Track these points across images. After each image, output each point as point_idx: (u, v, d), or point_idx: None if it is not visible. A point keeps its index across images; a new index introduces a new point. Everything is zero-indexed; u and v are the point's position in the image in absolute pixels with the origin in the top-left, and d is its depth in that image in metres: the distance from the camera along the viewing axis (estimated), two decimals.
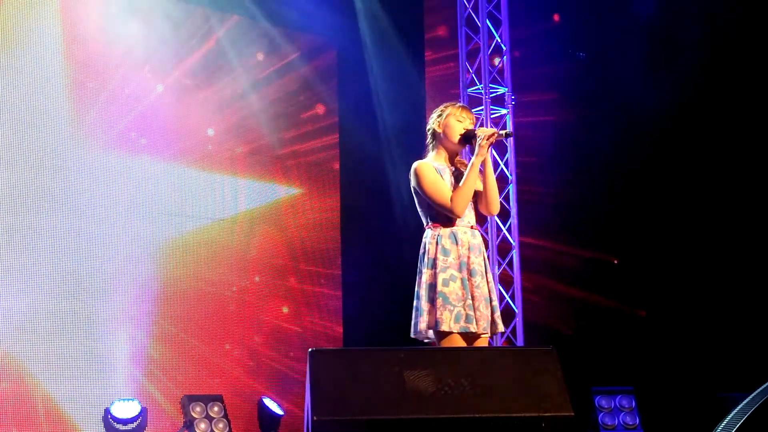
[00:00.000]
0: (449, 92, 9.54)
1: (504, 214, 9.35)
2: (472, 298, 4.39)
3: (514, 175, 9.40)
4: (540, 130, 9.88)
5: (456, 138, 4.61)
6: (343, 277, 9.90)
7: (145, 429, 8.33)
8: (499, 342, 8.95)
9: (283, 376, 9.43)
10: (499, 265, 9.26)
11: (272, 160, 9.69)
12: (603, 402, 8.83)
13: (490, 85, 9.43)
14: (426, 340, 4.53)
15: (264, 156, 9.64)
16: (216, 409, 8.62)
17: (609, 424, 8.74)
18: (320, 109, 10.06)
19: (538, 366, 3.77)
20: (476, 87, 9.47)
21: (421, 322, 4.43)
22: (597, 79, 10.06)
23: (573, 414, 3.66)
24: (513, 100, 9.48)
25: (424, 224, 4.61)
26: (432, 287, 4.42)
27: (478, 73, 9.46)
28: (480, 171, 4.55)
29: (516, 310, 9.23)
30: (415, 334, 4.53)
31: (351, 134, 9.92)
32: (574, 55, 10.24)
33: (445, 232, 4.48)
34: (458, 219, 4.49)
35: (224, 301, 9.25)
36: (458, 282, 4.40)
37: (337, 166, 10.03)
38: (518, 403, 3.64)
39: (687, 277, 9.63)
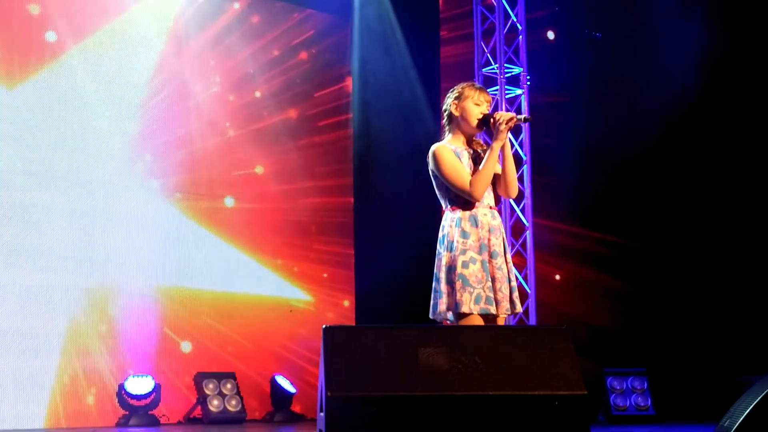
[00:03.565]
0: (464, 71, 9.50)
1: (518, 195, 9.32)
2: (493, 280, 4.38)
3: (528, 156, 9.38)
4: (555, 111, 9.84)
5: (474, 122, 4.58)
6: (356, 255, 9.91)
7: (158, 405, 8.39)
8: (512, 322, 8.96)
9: (295, 354, 9.46)
10: (513, 246, 9.25)
11: (286, 136, 9.70)
12: (615, 383, 8.83)
13: (506, 65, 9.39)
14: (445, 322, 4.53)
15: (277, 134, 9.64)
16: (229, 386, 8.67)
17: (621, 405, 8.74)
18: (334, 87, 10.05)
19: (551, 344, 3.76)
20: (491, 67, 9.43)
21: (440, 304, 4.42)
22: (614, 60, 9.99)
23: (586, 393, 3.65)
24: (528, 80, 9.44)
25: (443, 207, 4.59)
26: (451, 269, 4.41)
27: (493, 52, 9.42)
28: (499, 154, 4.52)
29: (529, 291, 9.23)
30: (433, 315, 4.53)
31: (365, 112, 9.90)
32: (591, 35, 10.17)
33: (464, 215, 4.47)
34: (478, 202, 4.48)
35: (237, 279, 9.28)
36: (478, 264, 4.38)
37: (350, 143, 10.03)
38: (531, 382, 3.63)
39: (703, 259, 9.61)
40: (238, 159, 9.42)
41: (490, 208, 4.55)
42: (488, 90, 9.42)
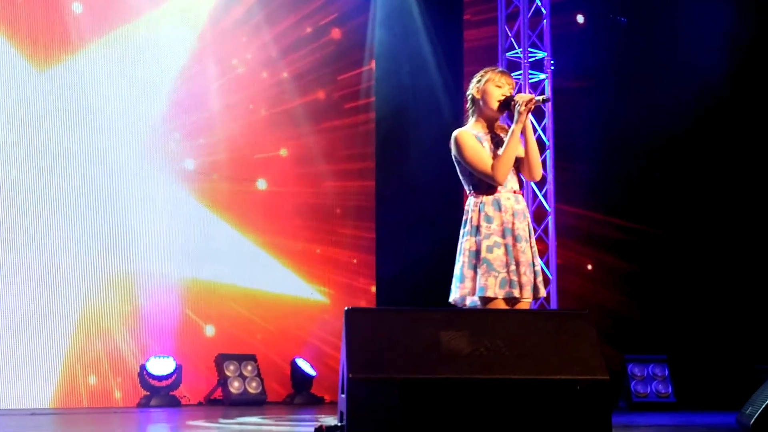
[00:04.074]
0: (488, 55, 9.45)
1: (540, 180, 9.28)
2: (517, 264, 4.35)
3: (551, 141, 9.33)
4: (579, 96, 9.78)
5: (494, 105, 4.54)
6: (377, 239, 9.92)
7: (179, 386, 8.44)
8: (533, 307, 8.93)
9: (316, 337, 9.49)
10: (534, 231, 9.21)
11: (310, 119, 9.71)
12: (636, 370, 8.80)
13: (529, 49, 9.34)
14: (464, 307, 4.51)
15: (301, 116, 9.65)
16: (249, 368, 8.71)
17: (641, 392, 8.71)
18: (358, 70, 10.03)
19: (573, 329, 3.75)
20: (515, 51, 9.37)
21: (462, 288, 4.40)
22: (640, 45, 9.90)
23: (609, 378, 3.64)
24: (552, 65, 9.38)
25: (467, 192, 4.56)
26: (475, 254, 4.38)
27: (517, 37, 9.36)
28: (521, 137, 4.49)
29: (550, 276, 9.20)
30: (453, 300, 4.52)
31: (387, 95, 9.89)
32: (616, 20, 10.08)
33: (488, 199, 4.44)
34: (500, 186, 4.46)
35: (257, 262, 9.31)
36: (502, 248, 4.36)
37: (372, 127, 10.03)
38: (553, 366, 3.62)
39: (725, 248, 9.54)
40: (264, 141, 9.45)
41: (514, 192, 4.52)
42: (512, 74, 9.41)
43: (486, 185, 4.48)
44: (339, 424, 3.65)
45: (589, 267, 10.01)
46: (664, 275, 9.77)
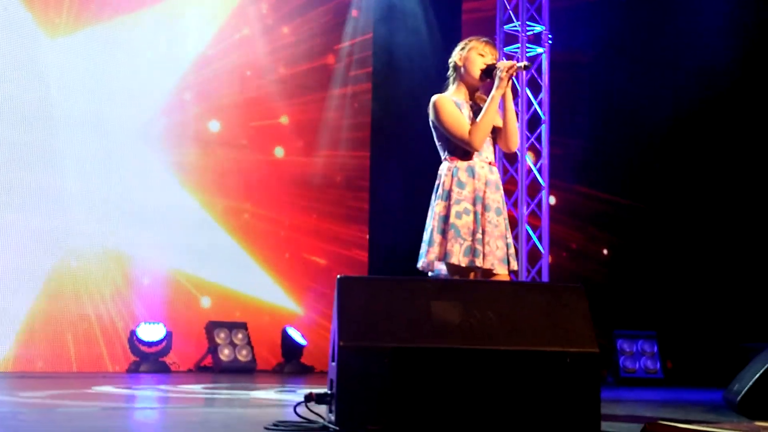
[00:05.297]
0: (486, 28, 9.40)
1: (535, 155, 9.29)
2: (483, 233, 4.36)
3: (547, 116, 9.30)
4: (576, 71, 9.75)
5: (477, 72, 4.53)
6: (371, 209, 9.91)
7: (169, 352, 8.46)
8: (523, 280, 8.94)
9: (307, 306, 9.50)
10: (528, 205, 9.21)
11: (309, 88, 9.68)
12: (625, 345, 8.84)
13: (528, 22, 9.29)
14: (430, 273, 4.51)
15: (295, 89, 9.62)
16: (240, 336, 8.72)
17: (630, 368, 8.75)
18: (353, 42, 9.99)
19: (565, 302, 3.74)
20: (513, 24, 9.32)
21: (430, 253, 4.41)
22: (639, 23, 9.86)
23: (598, 351, 3.65)
24: (550, 39, 9.34)
25: (442, 158, 4.58)
26: (444, 219, 4.39)
27: (515, 10, 9.31)
28: (499, 107, 4.49)
29: (542, 250, 9.20)
30: (421, 266, 4.52)
31: (385, 65, 9.85)
32: None
33: (462, 165, 4.44)
34: (476, 153, 4.45)
35: (250, 231, 9.31)
36: (471, 216, 4.37)
37: (369, 98, 10.00)
38: (544, 338, 3.62)
39: (715, 227, 9.56)
40: (262, 109, 9.44)
41: (489, 163, 4.52)
42: (509, 48, 9.35)
43: (462, 151, 4.48)
44: (329, 392, 3.64)
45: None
46: (654, 252, 9.79)
